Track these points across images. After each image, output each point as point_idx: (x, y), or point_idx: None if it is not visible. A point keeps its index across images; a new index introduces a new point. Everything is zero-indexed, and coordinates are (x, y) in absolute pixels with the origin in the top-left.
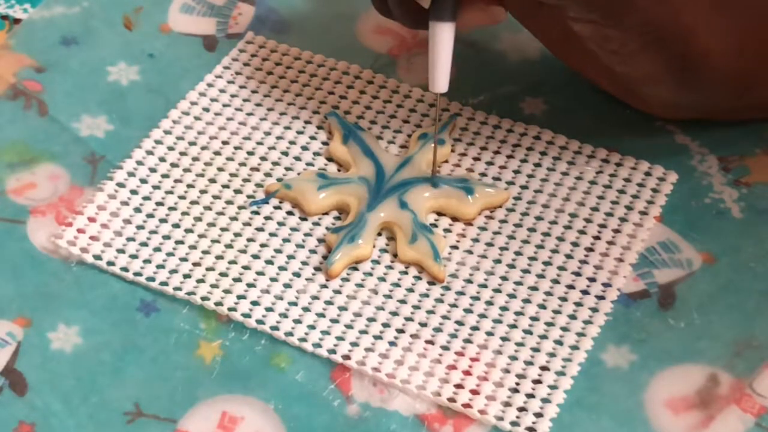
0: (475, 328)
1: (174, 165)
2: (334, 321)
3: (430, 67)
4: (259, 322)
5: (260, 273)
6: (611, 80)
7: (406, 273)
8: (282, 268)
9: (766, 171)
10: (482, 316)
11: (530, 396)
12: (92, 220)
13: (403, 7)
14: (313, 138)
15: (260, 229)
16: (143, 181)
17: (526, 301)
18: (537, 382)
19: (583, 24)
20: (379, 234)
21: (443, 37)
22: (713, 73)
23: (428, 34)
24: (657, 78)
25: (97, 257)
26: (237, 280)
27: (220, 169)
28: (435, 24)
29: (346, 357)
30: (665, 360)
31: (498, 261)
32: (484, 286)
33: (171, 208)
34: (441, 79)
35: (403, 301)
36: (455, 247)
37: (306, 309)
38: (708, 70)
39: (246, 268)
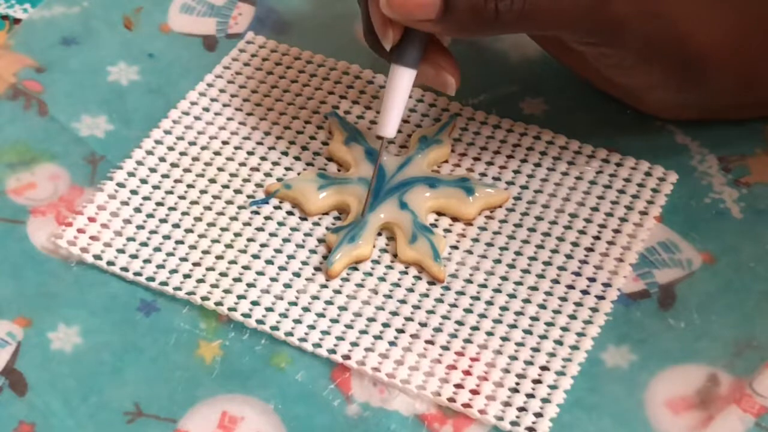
0: (475, 328)
1: (174, 165)
2: (334, 321)
3: (381, 109)
4: (259, 322)
5: (260, 273)
6: (612, 88)
7: (406, 273)
8: (282, 268)
9: (766, 171)
10: (482, 316)
11: (530, 396)
12: (92, 220)
13: (376, 44)
14: (313, 138)
15: (260, 229)
16: (143, 181)
17: (526, 301)
18: (537, 382)
19: (582, 44)
20: (379, 234)
21: (400, 82)
22: (713, 72)
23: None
24: (658, 85)
25: (97, 257)
26: (237, 280)
27: (220, 169)
28: (394, 67)
29: (346, 357)
30: (665, 360)
31: (498, 261)
32: (484, 286)
33: (171, 208)
34: (390, 124)
35: (403, 301)
36: (455, 247)
37: (306, 309)
38: (708, 69)
39: (246, 268)
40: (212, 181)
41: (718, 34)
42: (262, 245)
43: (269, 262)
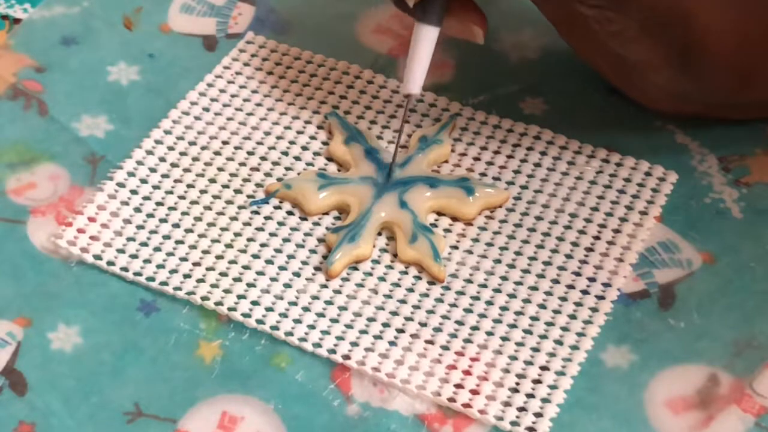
0: (475, 328)
1: (174, 165)
2: (334, 321)
3: (406, 66)
4: (259, 322)
5: (260, 273)
6: (612, 65)
7: (406, 273)
8: (282, 268)
9: (766, 171)
10: (482, 315)
11: (530, 396)
12: (92, 220)
13: (400, 1)
14: (313, 138)
15: (260, 229)
16: (143, 181)
17: (526, 300)
18: (537, 382)
19: (589, 6)
20: (379, 234)
21: (425, 39)
22: (713, 61)
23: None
24: (657, 63)
25: (97, 257)
26: (237, 280)
27: (220, 169)
28: (419, 25)
29: (346, 357)
30: (665, 360)
31: (498, 261)
32: (484, 286)
33: (171, 208)
34: (415, 81)
35: (403, 301)
36: (455, 247)
37: (306, 309)
38: (708, 58)
39: (246, 267)
40: (212, 181)
41: (720, 24)
42: (262, 245)
43: (269, 262)
